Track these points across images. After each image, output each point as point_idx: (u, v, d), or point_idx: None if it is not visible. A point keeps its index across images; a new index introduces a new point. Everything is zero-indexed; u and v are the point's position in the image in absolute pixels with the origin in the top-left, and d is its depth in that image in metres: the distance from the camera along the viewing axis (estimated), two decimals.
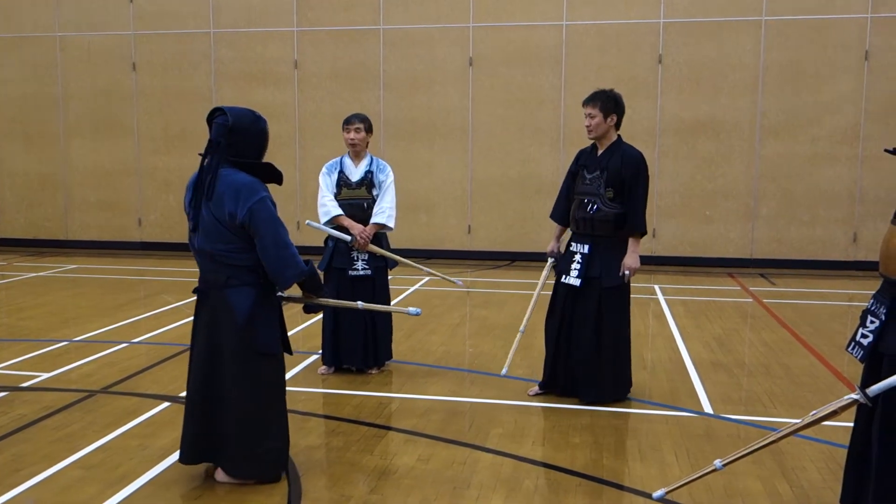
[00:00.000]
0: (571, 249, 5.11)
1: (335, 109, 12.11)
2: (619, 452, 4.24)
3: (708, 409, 4.99)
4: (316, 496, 3.67)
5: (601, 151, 5.06)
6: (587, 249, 5.01)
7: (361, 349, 5.65)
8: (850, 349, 3.21)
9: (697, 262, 11.56)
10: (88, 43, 12.97)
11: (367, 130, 5.65)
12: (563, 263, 5.14)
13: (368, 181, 5.62)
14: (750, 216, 11.45)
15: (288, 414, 3.89)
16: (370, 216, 5.59)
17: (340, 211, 5.57)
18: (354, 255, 5.59)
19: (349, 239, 5.52)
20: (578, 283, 4.98)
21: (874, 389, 2.95)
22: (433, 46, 12.00)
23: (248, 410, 3.68)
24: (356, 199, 5.61)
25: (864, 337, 3.14)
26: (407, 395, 5.26)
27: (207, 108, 3.98)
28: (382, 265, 5.69)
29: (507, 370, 5.23)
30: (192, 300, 3.87)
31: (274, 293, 3.80)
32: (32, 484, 3.76)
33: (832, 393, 5.24)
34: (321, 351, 5.84)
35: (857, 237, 11.20)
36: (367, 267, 5.61)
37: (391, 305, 5.71)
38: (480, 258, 12.06)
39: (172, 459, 4.00)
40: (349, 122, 5.65)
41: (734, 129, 11.36)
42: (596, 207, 4.97)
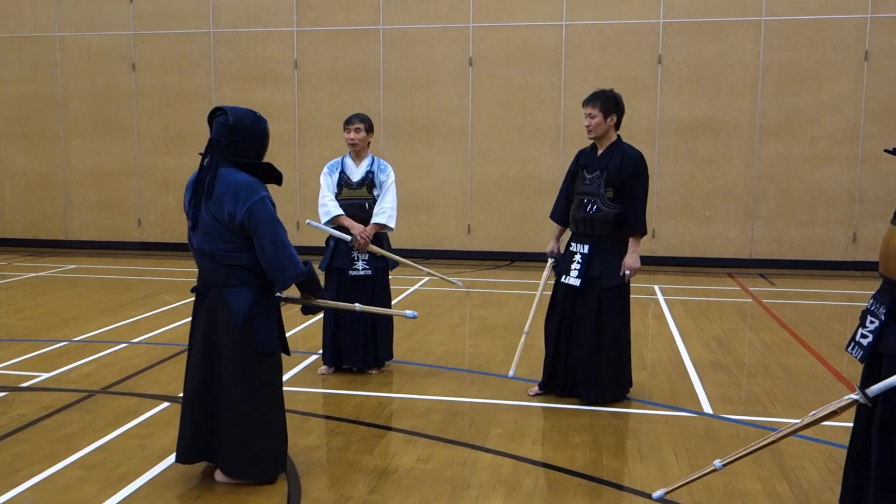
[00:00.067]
0: (571, 249, 5.11)
1: (335, 109, 12.12)
2: (618, 452, 4.24)
3: (708, 409, 5.00)
4: (316, 496, 3.67)
5: (601, 151, 5.06)
6: (587, 249, 5.01)
7: (362, 349, 5.65)
8: (849, 349, 3.22)
9: (697, 262, 11.56)
10: (88, 43, 12.97)
11: (367, 130, 5.65)
12: (562, 263, 5.14)
13: (369, 181, 5.62)
14: (749, 216, 11.45)
15: (287, 414, 3.89)
16: (371, 216, 5.60)
17: (341, 211, 5.57)
18: (355, 255, 5.59)
19: (349, 239, 5.52)
20: (578, 283, 4.98)
21: (874, 389, 2.95)
22: (433, 46, 12.00)
23: (245, 410, 3.68)
24: (357, 199, 5.61)
25: (863, 337, 3.14)
26: (407, 395, 5.26)
27: (207, 108, 3.98)
28: (383, 265, 5.69)
29: (514, 372, 5.22)
30: (191, 300, 3.87)
31: (272, 293, 3.80)
32: (32, 484, 3.76)
33: (832, 393, 5.24)
34: (321, 351, 5.84)
35: (856, 237, 11.20)
36: (367, 267, 5.61)
37: (389, 308, 5.71)
38: (480, 258, 12.06)
39: (172, 459, 3.99)
40: (349, 122, 5.65)
41: (734, 129, 11.36)
42: (596, 207, 4.97)
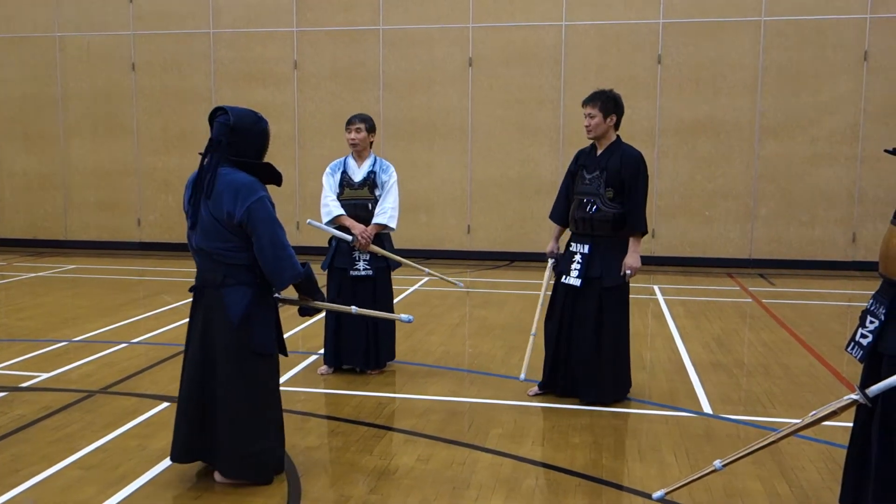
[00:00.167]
0: (571, 249, 5.11)
1: (335, 110, 12.12)
2: (618, 452, 4.24)
3: (707, 409, 5.00)
4: (316, 496, 3.67)
5: (600, 151, 5.06)
6: (587, 249, 5.01)
7: (363, 350, 5.65)
8: (849, 349, 3.22)
9: (697, 262, 11.56)
10: (88, 43, 12.97)
11: (368, 130, 5.64)
12: (562, 264, 5.14)
13: (371, 181, 5.62)
14: (749, 216, 11.45)
15: (287, 414, 3.89)
16: (374, 216, 5.60)
17: (342, 211, 5.57)
18: (356, 255, 5.59)
19: (350, 239, 5.52)
20: (579, 283, 4.98)
21: (874, 390, 2.95)
22: (433, 47, 12.00)
23: (242, 411, 3.67)
24: (359, 199, 5.61)
25: (863, 337, 3.14)
26: (406, 395, 5.26)
27: (207, 108, 3.99)
28: (384, 266, 5.68)
29: (524, 375, 5.16)
30: (191, 300, 3.87)
31: (270, 293, 3.79)
32: (32, 484, 3.76)
33: (832, 393, 5.24)
34: (322, 351, 5.84)
35: (856, 237, 11.20)
36: (368, 267, 5.60)
37: (390, 309, 5.70)
38: (480, 258, 12.06)
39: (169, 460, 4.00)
40: (350, 122, 5.65)
41: (733, 129, 11.36)
42: (595, 207, 4.97)
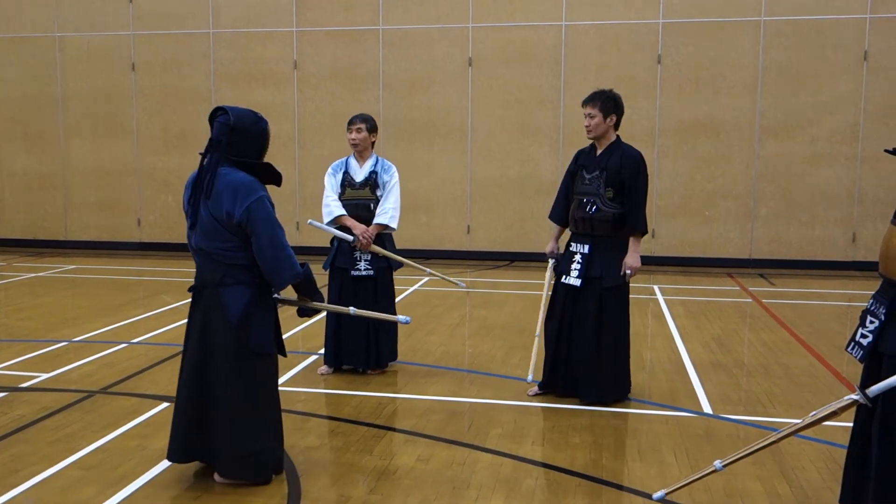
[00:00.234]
0: (571, 249, 5.11)
1: (334, 110, 12.12)
2: (618, 453, 4.24)
3: (707, 409, 4.99)
4: (316, 496, 3.67)
5: (600, 151, 5.06)
6: (587, 249, 5.01)
7: (364, 350, 5.65)
8: (849, 349, 3.22)
9: (697, 262, 11.56)
10: (88, 43, 12.96)
11: (369, 131, 5.64)
12: (562, 264, 5.14)
13: (372, 182, 5.62)
14: (749, 216, 11.45)
15: (287, 414, 3.89)
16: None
17: (343, 211, 5.57)
18: (357, 255, 5.59)
19: (352, 239, 5.52)
20: (579, 283, 4.98)
21: (874, 390, 2.95)
22: (432, 47, 12.00)
23: (240, 410, 3.67)
24: (360, 199, 5.60)
25: (863, 337, 3.13)
26: (406, 395, 5.26)
27: (207, 108, 3.99)
28: (385, 266, 5.67)
29: (532, 376, 5.15)
30: (190, 300, 3.86)
31: (269, 293, 3.79)
32: (31, 484, 3.76)
33: (832, 393, 5.24)
34: (322, 351, 5.84)
35: (856, 237, 11.20)
36: (369, 267, 5.60)
37: (391, 309, 5.69)
38: (480, 258, 12.06)
39: None
40: (352, 122, 5.66)
41: (733, 129, 11.36)
42: (595, 207, 4.97)
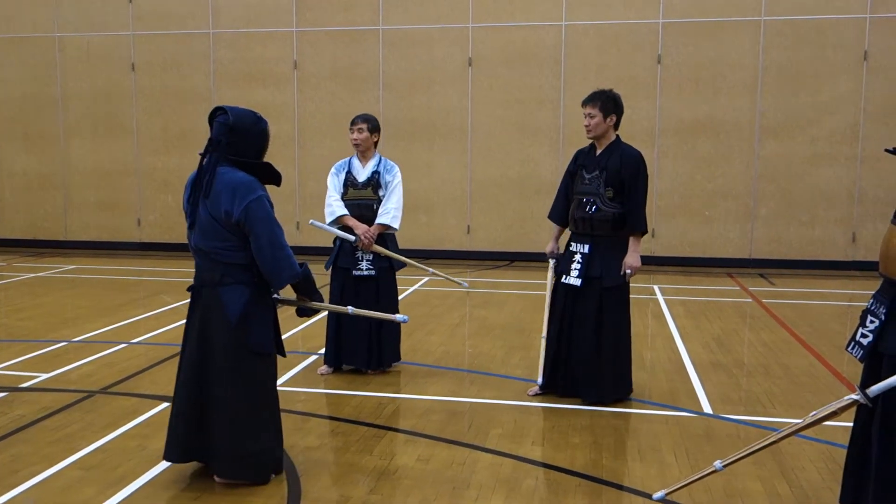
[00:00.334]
0: (571, 249, 5.11)
1: (334, 110, 12.13)
2: (618, 452, 4.24)
3: (707, 409, 4.99)
4: (316, 496, 3.67)
5: (600, 151, 5.06)
6: (587, 249, 5.01)
7: (365, 350, 5.64)
8: (849, 349, 3.21)
9: (697, 262, 11.56)
10: (88, 43, 12.96)
11: (370, 131, 5.64)
12: (562, 263, 5.14)
13: (375, 181, 5.62)
14: (749, 216, 11.45)
15: (287, 414, 3.88)
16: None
17: (345, 211, 5.57)
18: (359, 255, 5.59)
19: (353, 239, 5.52)
20: (579, 283, 4.98)
21: (874, 390, 2.95)
22: (432, 47, 12.00)
23: (240, 410, 3.66)
24: (363, 199, 5.60)
25: (863, 337, 3.13)
26: (406, 395, 5.26)
27: (207, 108, 3.99)
28: (387, 266, 5.67)
29: (542, 379, 5.13)
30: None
31: (269, 293, 3.79)
32: (31, 484, 3.76)
33: (832, 393, 5.24)
34: (323, 350, 5.83)
35: (856, 237, 11.20)
36: (371, 267, 5.60)
37: (388, 311, 5.68)
38: (480, 258, 12.06)
39: None
40: (353, 122, 5.66)
41: (733, 129, 11.36)
42: (595, 207, 4.97)
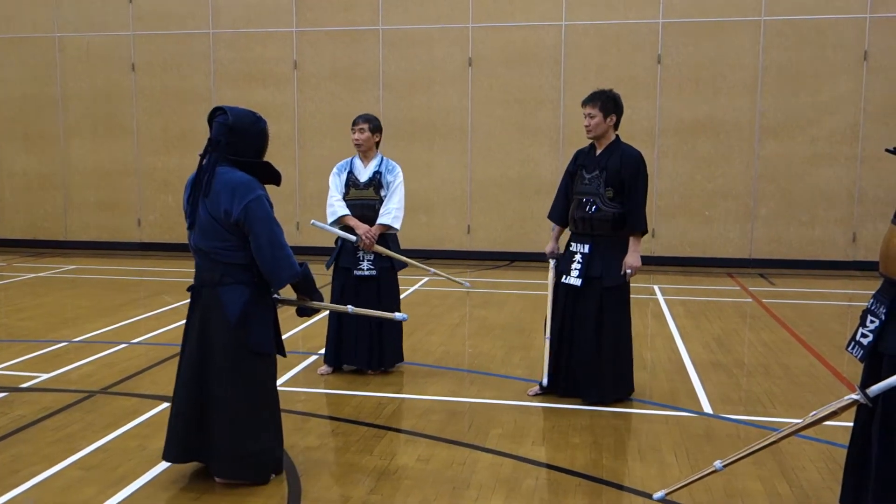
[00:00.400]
0: (571, 249, 5.11)
1: (334, 110, 12.13)
2: (618, 452, 4.24)
3: (707, 409, 4.99)
4: (316, 496, 3.67)
5: (600, 151, 5.06)
6: (587, 249, 5.01)
7: (366, 350, 5.64)
8: (849, 349, 3.21)
9: (697, 262, 11.56)
10: (88, 43, 12.96)
11: (372, 131, 5.64)
12: (563, 263, 5.14)
13: (376, 182, 5.62)
14: (749, 216, 11.45)
15: (287, 414, 3.88)
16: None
17: (347, 211, 5.58)
18: (360, 255, 5.59)
19: (355, 239, 5.52)
20: (579, 283, 4.98)
21: (874, 389, 2.95)
22: (432, 47, 12.00)
23: (239, 410, 3.66)
24: (365, 199, 5.60)
25: (863, 336, 3.13)
26: (406, 395, 5.26)
27: (207, 108, 3.99)
28: (388, 266, 5.67)
29: (547, 380, 5.11)
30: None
31: (269, 293, 3.79)
32: (32, 485, 3.76)
33: (832, 393, 5.24)
34: (323, 350, 5.83)
35: (856, 237, 11.20)
36: (372, 267, 5.60)
37: (389, 312, 5.67)
38: (480, 258, 12.06)
39: None
40: (354, 122, 5.67)
41: (733, 129, 11.36)
42: (595, 207, 4.97)
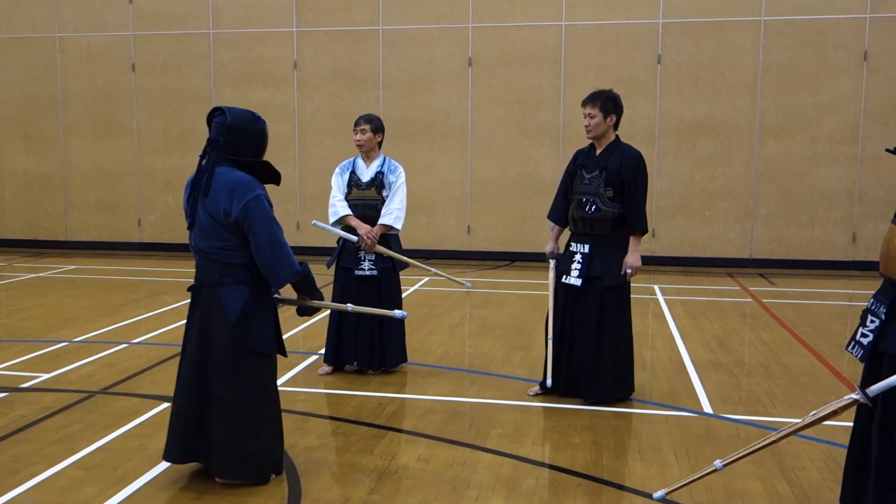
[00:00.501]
0: (571, 249, 5.11)
1: (334, 110, 12.13)
2: (619, 452, 4.24)
3: (708, 409, 5.00)
4: (316, 496, 3.67)
5: (599, 151, 5.06)
6: (587, 249, 5.01)
7: (367, 350, 5.64)
8: (850, 348, 3.22)
9: (697, 262, 11.56)
10: (88, 43, 12.97)
11: (373, 131, 5.64)
12: (563, 263, 5.14)
13: (378, 182, 5.62)
14: (749, 216, 11.45)
15: (287, 414, 3.88)
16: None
17: (348, 211, 5.58)
18: (361, 255, 5.59)
19: (356, 239, 5.52)
20: (579, 282, 4.98)
21: (874, 389, 2.95)
22: (432, 47, 12.00)
23: (239, 410, 3.66)
24: (367, 199, 5.61)
25: (864, 336, 3.14)
26: (407, 395, 5.26)
27: (207, 108, 3.98)
28: (390, 266, 5.67)
29: (550, 381, 5.09)
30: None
31: (269, 292, 3.79)
32: (32, 485, 3.76)
33: (832, 393, 5.25)
34: (323, 350, 5.84)
35: (856, 237, 11.20)
36: (373, 268, 5.60)
37: (398, 307, 5.68)
38: (480, 258, 12.06)
39: None
40: (356, 123, 5.67)
41: (733, 129, 11.36)
42: (595, 207, 4.97)
